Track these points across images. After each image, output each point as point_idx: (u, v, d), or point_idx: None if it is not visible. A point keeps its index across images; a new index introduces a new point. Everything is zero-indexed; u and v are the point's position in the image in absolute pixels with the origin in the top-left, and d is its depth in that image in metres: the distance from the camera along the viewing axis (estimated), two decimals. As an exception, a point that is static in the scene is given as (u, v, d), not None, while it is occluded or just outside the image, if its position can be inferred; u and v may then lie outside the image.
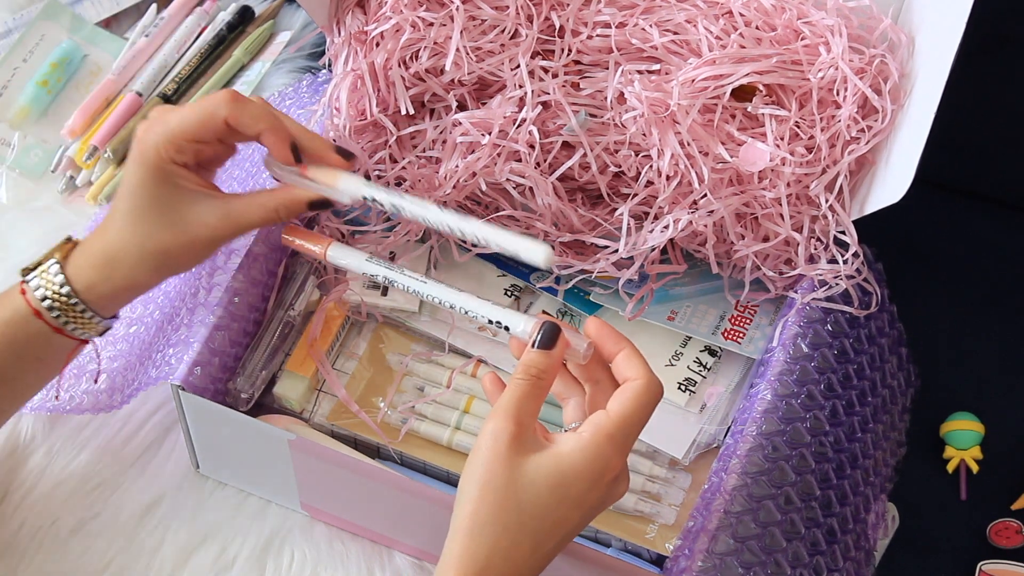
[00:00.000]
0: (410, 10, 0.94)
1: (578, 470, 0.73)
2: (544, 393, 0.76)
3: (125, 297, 0.86)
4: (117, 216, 0.84)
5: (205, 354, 0.90)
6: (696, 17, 0.94)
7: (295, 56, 1.15)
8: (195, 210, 0.84)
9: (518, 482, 0.72)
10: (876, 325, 0.94)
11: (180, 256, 0.85)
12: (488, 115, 0.93)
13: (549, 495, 0.72)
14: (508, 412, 0.74)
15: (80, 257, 0.85)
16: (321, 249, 0.87)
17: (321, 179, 0.85)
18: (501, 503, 0.72)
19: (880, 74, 0.92)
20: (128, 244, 0.84)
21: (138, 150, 0.84)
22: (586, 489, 0.73)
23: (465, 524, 0.72)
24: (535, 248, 0.79)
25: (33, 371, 0.86)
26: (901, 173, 0.84)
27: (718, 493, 0.84)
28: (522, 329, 0.80)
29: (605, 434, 0.73)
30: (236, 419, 0.88)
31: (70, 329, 0.85)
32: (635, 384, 0.75)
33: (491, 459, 0.73)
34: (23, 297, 0.84)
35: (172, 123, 0.83)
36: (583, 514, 0.74)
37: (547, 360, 0.76)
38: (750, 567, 0.83)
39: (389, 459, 0.94)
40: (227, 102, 0.83)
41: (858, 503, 0.91)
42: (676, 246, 0.95)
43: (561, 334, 0.77)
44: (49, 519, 0.95)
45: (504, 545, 0.71)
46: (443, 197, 0.93)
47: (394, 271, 0.85)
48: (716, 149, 0.90)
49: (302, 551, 0.94)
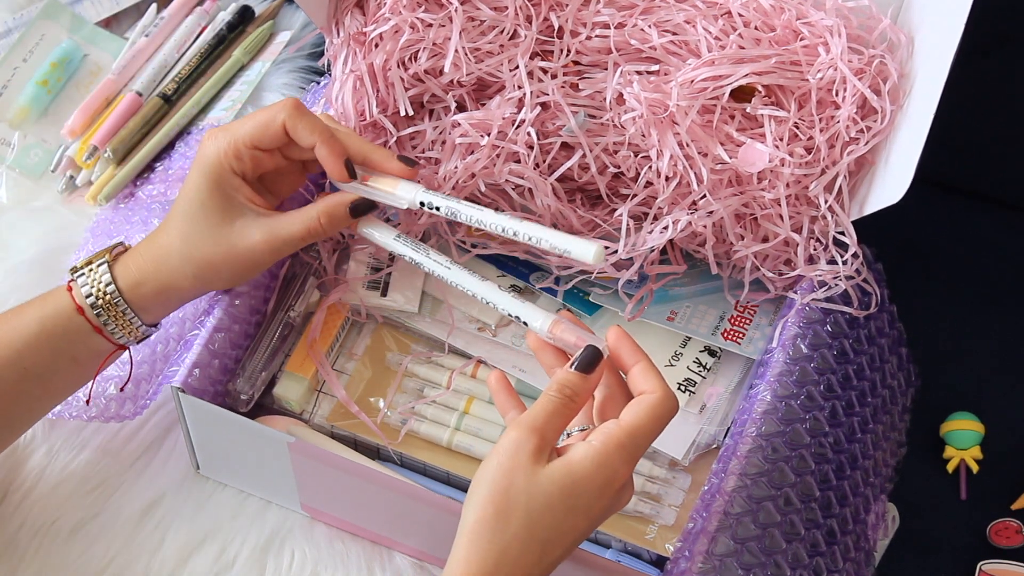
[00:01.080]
0: (409, 11, 0.94)
1: (588, 480, 0.73)
2: (573, 414, 0.76)
3: (165, 300, 0.87)
4: (171, 218, 0.87)
5: (205, 356, 0.90)
6: (695, 18, 0.94)
7: (295, 56, 1.15)
8: (241, 223, 0.86)
9: (530, 491, 0.72)
10: (876, 325, 0.94)
11: (221, 268, 0.87)
12: (487, 116, 0.93)
13: (560, 505, 0.73)
14: (535, 426, 0.74)
15: (130, 258, 0.87)
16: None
17: (380, 186, 0.88)
18: (512, 510, 0.72)
19: (879, 74, 0.92)
20: (174, 245, 0.86)
21: (201, 154, 0.86)
22: (595, 498, 0.73)
23: (474, 528, 0.72)
24: (586, 246, 0.81)
25: (66, 371, 0.87)
26: (900, 173, 0.84)
27: (718, 494, 0.84)
28: (540, 326, 0.81)
29: (616, 443, 0.74)
30: (236, 421, 0.88)
31: (109, 330, 0.86)
32: (650, 398, 0.76)
33: (510, 468, 0.73)
34: (69, 294, 0.86)
35: (235, 128, 0.86)
36: (590, 522, 0.74)
37: (583, 384, 0.77)
38: (750, 568, 0.83)
39: (389, 460, 0.94)
40: (287, 108, 0.85)
41: (858, 504, 0.91)
42: (675, 247, 0.95)
43: (602, 360, 0.77)
44: (49, 519, 0.95)
45: (513, 552, 0.72)
46: (442, 198, 0.93)
47: (420, 253, 0.87)
48: (715, 150, 0.90)
49: (302, 551, 0.94)
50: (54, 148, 1.12)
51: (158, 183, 1.07)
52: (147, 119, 1.11)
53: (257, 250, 0.86)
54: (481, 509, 0.72)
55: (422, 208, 0.87)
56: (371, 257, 0.99)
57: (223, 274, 0.87)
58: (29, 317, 0.85)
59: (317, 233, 0.87)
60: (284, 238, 0.86)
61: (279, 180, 0.90)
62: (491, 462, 0.74)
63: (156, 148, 1.10)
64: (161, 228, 0.87)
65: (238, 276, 0.88)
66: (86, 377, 0.88)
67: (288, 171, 0.90)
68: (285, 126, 0.85)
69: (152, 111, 1.11)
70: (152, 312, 0.87)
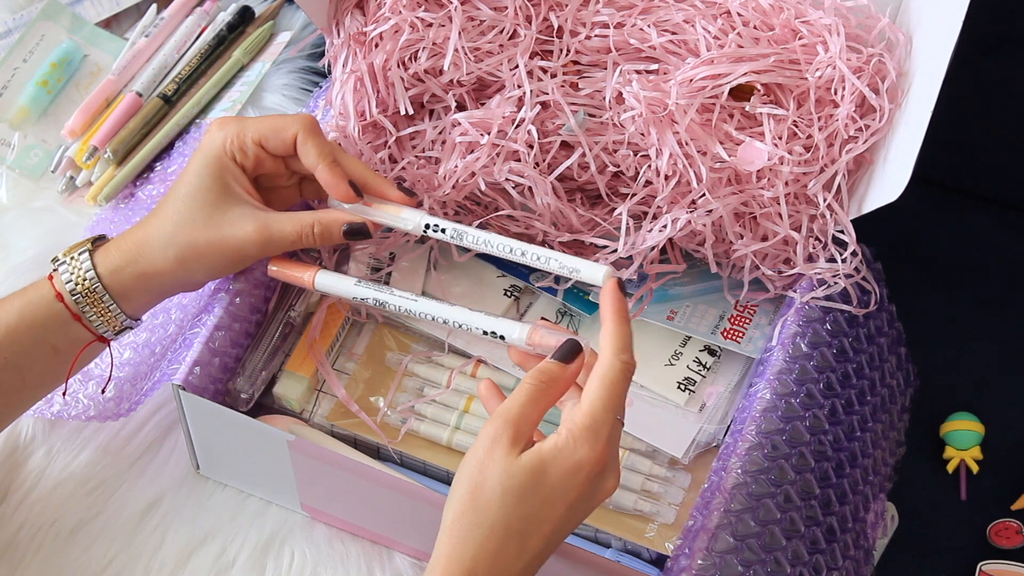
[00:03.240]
0: (409, 11, 0.94)
1: (557, 465, 0.73)
2: (549, 403, 0.76)
3: (146, 286, 0.87)
4: (166, 200, 0.87)
5: (206, 354, 0.90)
6: (694, 17, 0.95)
7: (295, 56, 1.15)
8: (235, 212, 0.86)
9: (504, 483, 0.72)
10: (875, 324, 0.94)
11: (205, 254, 0.86)
12: (487, 115, 0.93)
13: (532, 495, 0.72)
14: (508, 417, 0.74)
15: (112, 245, 0.87)
16: (309, 277, 0.89)
17: (385, 208, 0.89)
18: (488, 503, 0.72)
19: (878, 73, 0.92)
20: (163, 228, 0.86)
21: (207, 139, 0.86)
22: (565, 485, 0.73)
23: (453, 525, 0.72)
24: (595, 269, 0.82)
25: (45, 361, 0.86)
26: (899, 172, 0.84)
27: (718, 492, 0.84)
28: (517, 336, 0.80)
29: (580, 427, 0.73)
30: (236, 419, 0.88)
31: (88, 318, 0.86)
32: (597, 368, 0.75)
33: (484, 461, 0.73)
34: (50, 282, 0.85)
35: (246, 121, 0.86)
36: (568, 511, 0.73)
37: (560, 371, 0.76)
38: (750, 565, 0.83)
39: (389, 459, 0.94)
40: (302, 122, 0.86)
41: (857, 502, 0.91)
42: (675, 246, 0.96)
43: (581, 353, 0.77)
44: (49, 519, 0.95)
45: (491, 547, 0.72)
46: (442, 197, 0.93)
47: (384, 293, 0.87)
48: (714, 148, 0.90)
49: (302, 551, 0.94)
50: (54, 148, 1.12)
51: (158, 183, 1.07)
52: (147, 119, 1.11)
53: (247, 241, 0.86)
54: (459, 504, 0.73)
55: (427, 231, 0.88)
56: (371, 257, 0.99)
57: (206, 261, 0.87)
58: (10, 307, 0.85)
59: (307, 240, 0.87)
60: (275, 234, 0.86)
61: (274, 190, 0.90)
62: (469, 457, 0.74)
63: (156, 148, 1.10)
64: (152, 212, 0.87)
65: (220, 266, 0.88)
66: (63, 371, 0.88)
67: (284, 183, 0.90)
68: (296, 139, 0.86)
69: (152, 111, 1.11)
70: (132, 301, 0.87)
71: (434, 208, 0.94)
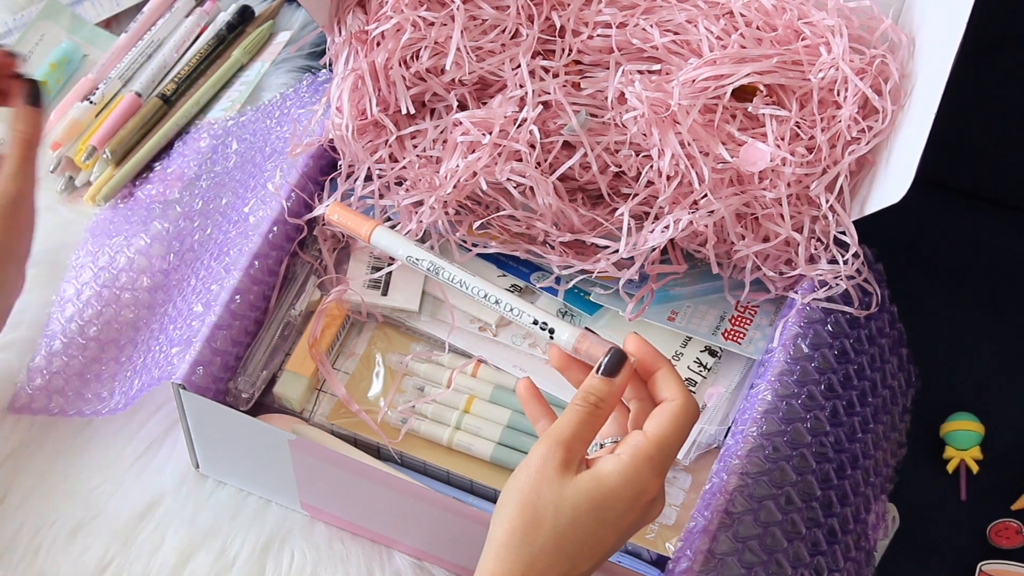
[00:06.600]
0: (411, 9, 0.94)
1: (617, 492, 0.72)
2: (601, 423, 0.75)
3: None
4: None
5: (206, 353, 0.90)
6: (697, 17, 0.95)
7: (295, 56, 1.15)
8: None
9: (558, 504, 0.72)
10: (876, 325, 0.94)
11: None
12: (489, 115, 0.93)
13: (588, 518, 0.72)
14: (561, 438, 0.74)
15: None
16: (367, 230, 0.87)
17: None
18: (540, 523, 0.72)
19: (881, 74, 0.92)
20: None
21: None
22: (624, 511, 0.73)
23: (503, 540, 0.72)
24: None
25: None
26: (901, 173, 0.84)
27: (719, 493, 0.84)
28: (567, 338, 0.80)
29: (644, 456, 0.73)
30: (236, 418, 0.88)
31: None
32: (672, 405, 0.75)
33: (538, 480, 0.72)
34: None
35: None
36: (619, 535, 0.73)
37: (609, 388, 0.76)
38: (751, 567, 0.83)
39: (389, 459, 0.94)
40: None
41: (858, 503, 0.91)
42: (676, 246, 0.95)
43: (627, 362, 0.76)
44: (49, 519, 0.95)
45: (540, 565, 0.71)
46: (444, 197, 0.93)
47: (441, 259, 0.85)
48: (716, 149, 0.90)
49: (302, 551, 0.94)
50: (53, 148, 1.12)
51: (157, 183, 1.07)
52: (146, 119, 1.11)
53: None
54: (509, 522, 0.72)
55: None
56: (371, 256, 0.99)
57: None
58: None
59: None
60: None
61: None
62: (519, 475, 0.73)
63: (155, 148, 1.10)
64: None
65: None
66: None
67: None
68: None
69: (151, 111, 1.11)
70: None
71: (434, 208, 0.93)
